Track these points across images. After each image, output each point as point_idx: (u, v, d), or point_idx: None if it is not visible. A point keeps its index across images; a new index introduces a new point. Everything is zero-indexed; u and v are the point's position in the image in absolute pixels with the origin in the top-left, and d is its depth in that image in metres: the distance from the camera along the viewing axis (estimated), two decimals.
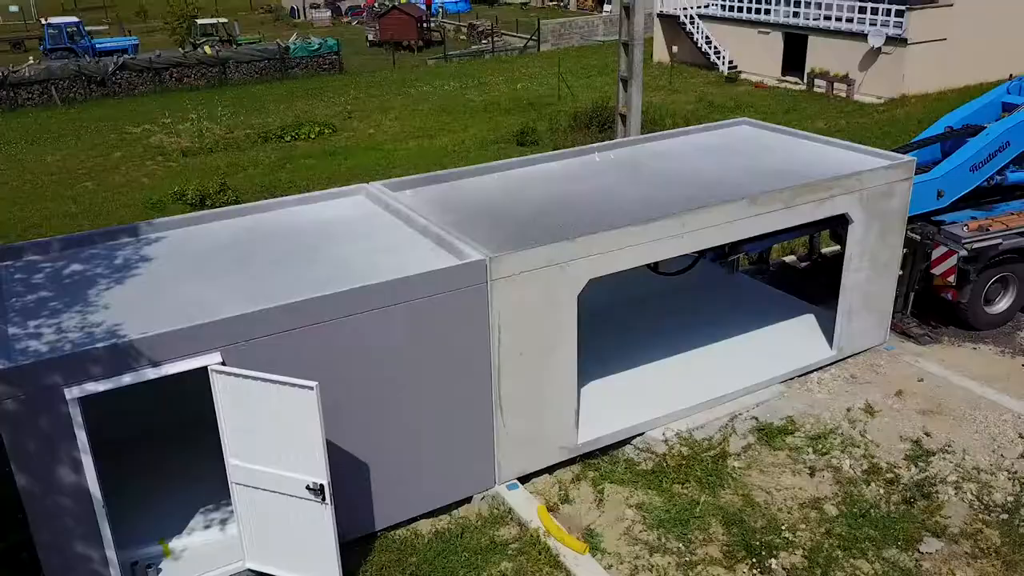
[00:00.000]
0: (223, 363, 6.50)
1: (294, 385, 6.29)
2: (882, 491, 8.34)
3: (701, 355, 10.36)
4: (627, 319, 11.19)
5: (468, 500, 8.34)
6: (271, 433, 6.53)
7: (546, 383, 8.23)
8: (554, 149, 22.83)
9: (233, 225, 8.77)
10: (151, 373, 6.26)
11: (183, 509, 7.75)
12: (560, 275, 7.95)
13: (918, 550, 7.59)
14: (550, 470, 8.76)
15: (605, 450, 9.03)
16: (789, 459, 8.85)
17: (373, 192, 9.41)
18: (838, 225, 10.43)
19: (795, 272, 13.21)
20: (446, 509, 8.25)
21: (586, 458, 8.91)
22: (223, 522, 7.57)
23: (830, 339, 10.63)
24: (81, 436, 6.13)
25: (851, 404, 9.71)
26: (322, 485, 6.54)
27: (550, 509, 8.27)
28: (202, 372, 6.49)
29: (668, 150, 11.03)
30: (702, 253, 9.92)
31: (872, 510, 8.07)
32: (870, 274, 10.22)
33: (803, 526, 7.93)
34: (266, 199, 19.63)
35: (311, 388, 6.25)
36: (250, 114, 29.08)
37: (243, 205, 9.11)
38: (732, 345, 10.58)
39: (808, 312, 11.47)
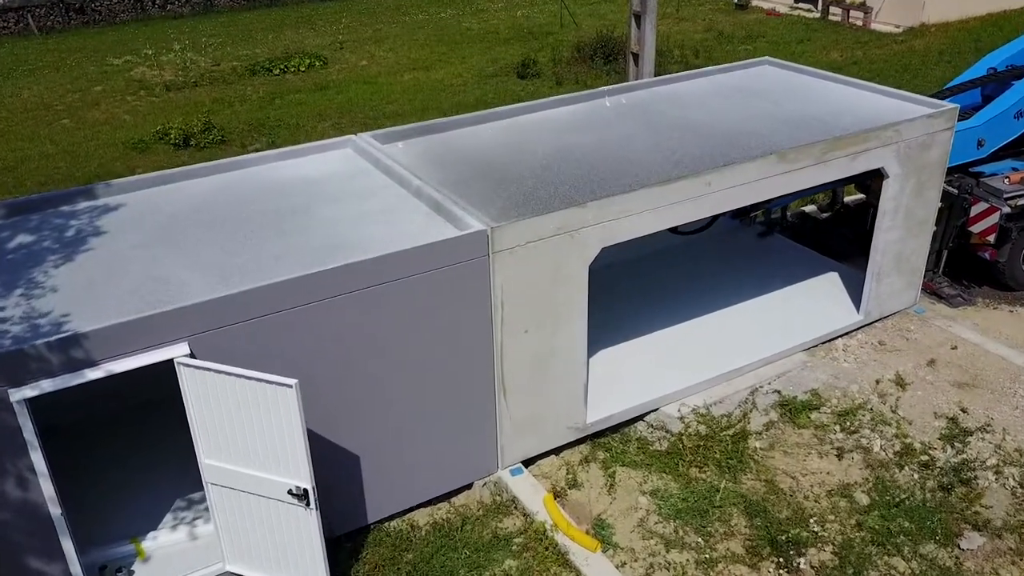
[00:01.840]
0: (191, 355, 5.75)
1: (271, 382, 5.55)
2: (916, 476, 7.70)
3: (718, 321, 9.62)
4: (637, 281, 10.42)
5: (468, 486, 7.70)
6: (248, 432, 5.82)
7: (553, 361, 7.50)
8: (557, 82, 21.84)
9: (205, 185, 7.90)
10: (108, 369, 5.51)
11: (157, 503, 7.10)
12: (570, 244, 7.15)
13: (958, 546, 6.98)
14: (557, 451, 8.11)
15: (616, 427, 8.36)
16: (815, 439, 8.19)
17: (361, 145, 8.52)
18: (866, 176, 9.58)
19: (816, 224, 12.37)
20: (445, 496, 7.62)
21: (595, 437, 8.25)
22: (200, 518, 6.93)
23: (856, 301, 9.88)
24: (32, 442, 5.40)
25: (880, 375, 9.01)
26: (306, 490, 5.86)
27: (557, 495, 7.64)
28: None
29: (685, 94, 10.08)
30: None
31: (906, 499, 7.43)
32: (903, 233, 9.41)
33: (832, 517, 7.30)
34: (253, 138, 18.96)
35: (290, 386, 5.52)
36: (237, 44, 27.72)
37: (217, 162, 8.24)
38: (751, 309, 9.83)
39: (831, 270, 10.69)
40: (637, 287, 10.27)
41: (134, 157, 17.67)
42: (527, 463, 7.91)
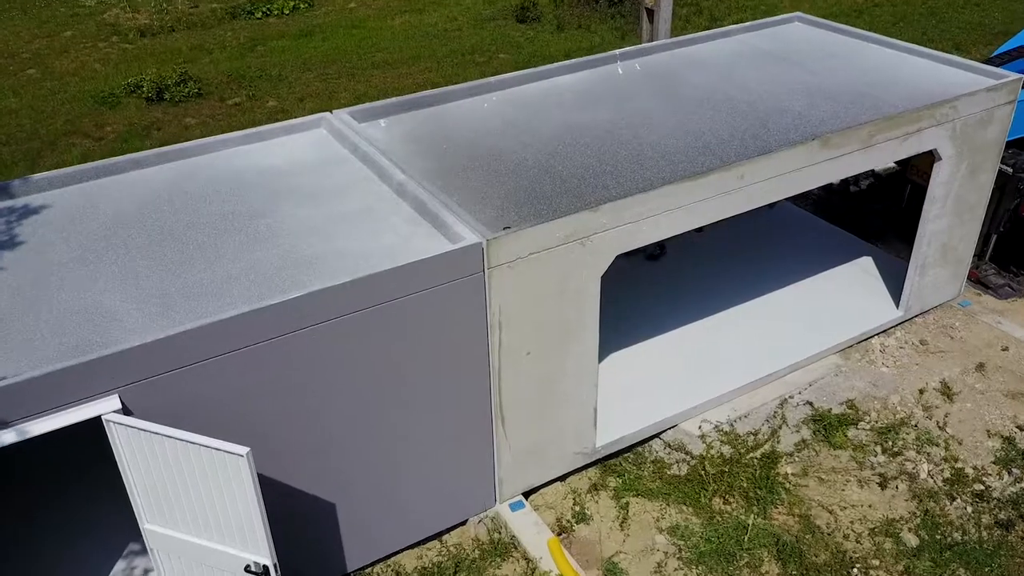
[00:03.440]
0: (124, 409, 4.75)
1: (219, 449, 4.56)
2: (970, 510, 6.79)
3: (739, 319, 8.61)
4: (643, 273, 9.37)
5: (463, 521, 6.80)
6: (196, 500, 4.85)
7: (560, 384, 6.51)
8: (558, 27, 20.37)
9: (154, 178, 6.79)
10: (14, 435, 4.51)
11: (105, 552, 6.17)
12: (579, 253, 6.09)
13: None
14: (563, 476, 7.19)
15: (629, 446, 7.43)
16: (854, 462, 7.26)
17: (336, 126, 7.37)
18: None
19: (844, 197, 11.26)
20: (436, 534, 6.72)
21: (605, 458, 7.33)
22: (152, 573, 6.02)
23: (894, 292, 8.88)
24: None
25: (924, 383, 8.04)
26: (266, 567, 4.92)
27: (562, 531, 6.75)
28: None
29: (707, 59, 8.88)
30: None
31: (960, 539, 6.54)
32: (952, 220, 8.34)
33: (876, 562, 6.41)
34: (232, 91, 17.63)
35: (241, 455, 4.52)
36: None
37: (169, 148, 7.09)
38: (776, 304, 8.81)
39: (863, 253, 9.65)
40: (643, 281, 9.24)
41: (104, 113, 16.42)
42: (529, 491, 7.00)
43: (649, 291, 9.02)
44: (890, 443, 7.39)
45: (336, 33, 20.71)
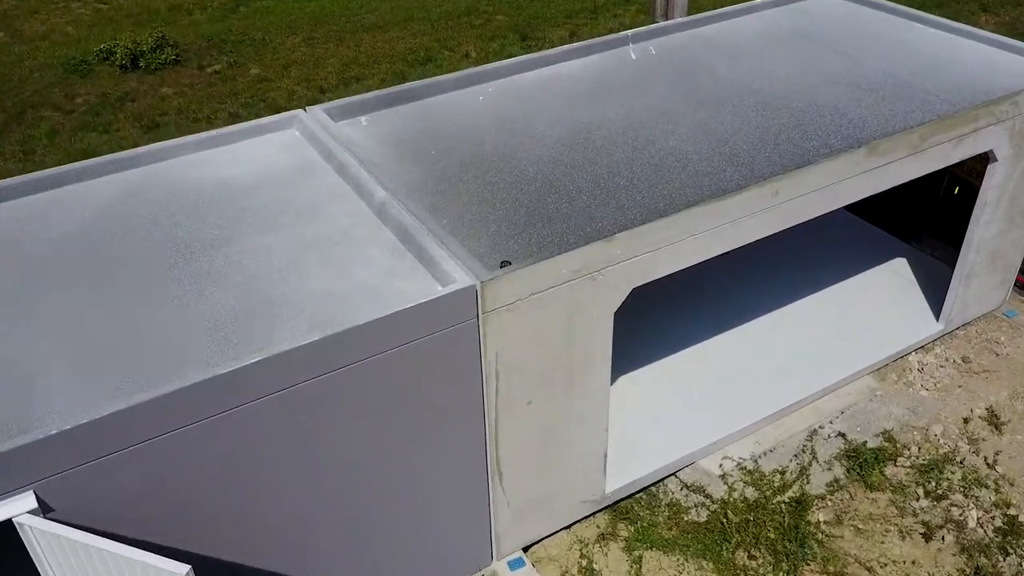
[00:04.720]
0: (42, 506, 3.93)
1: (154, 566, 3.75)
2: None
3: (763, 335, 7.78)
4: (658, 286, 8.49)
5: None
6: None
7: (565, 431, 5.70)
8: None
9: (102, 192, 5.88)
10: None
11: None
12: (590, 289, 5.23)
13: None
14: (568, 524, 6.42)
15: (642, 487, 6.66)
16: (893, 507, 6.49)
17: (309, 127, 6.43)
18: None
19: None
20: None
21: (616, 501, 6.56)
22: None
23: (932, 300, 8.04)
24: None
25: (969, 409, 7.24)
26: None
27: None
28: None
29: (730, 41, 7.90)
30: None
31: None
32: (1004, 225, 7.46)
33: None
34: (212, 57, 16.55)
35: (180, 574, 3.72)
36: None
37: (122, 154, 6.16)
38: (804, 317, 7.97)
39: (898, 253, 8.80)
40: (652, 292, 8.33)
41: (75, 82, 15.36)
42: (530, 543, 6.25)
43: (658, 304, 8.16)
44: (933, 484, 6.62)
45: None
